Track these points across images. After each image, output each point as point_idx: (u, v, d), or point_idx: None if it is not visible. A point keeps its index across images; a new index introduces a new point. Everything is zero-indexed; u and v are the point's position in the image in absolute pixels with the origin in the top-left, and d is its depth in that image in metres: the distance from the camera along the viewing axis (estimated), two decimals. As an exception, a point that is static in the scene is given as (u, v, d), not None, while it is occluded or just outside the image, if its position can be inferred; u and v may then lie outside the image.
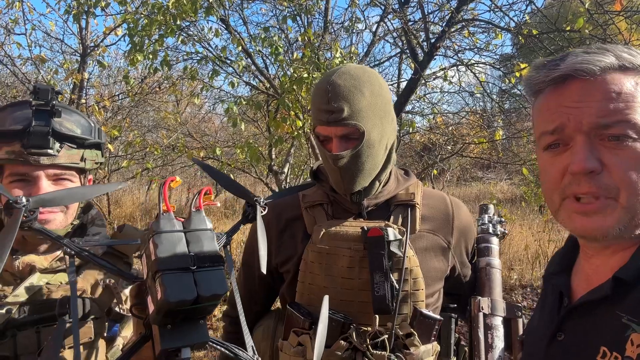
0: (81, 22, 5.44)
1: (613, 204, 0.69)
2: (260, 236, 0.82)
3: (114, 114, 7.54)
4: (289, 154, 5.31)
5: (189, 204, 0.82)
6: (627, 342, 0.67)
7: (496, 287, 1.24)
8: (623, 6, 3.98)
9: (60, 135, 1.06)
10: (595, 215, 0.70)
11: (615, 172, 0.68)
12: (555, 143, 0.74)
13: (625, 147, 0.68)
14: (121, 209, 9.93)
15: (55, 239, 0.77)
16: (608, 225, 0.69)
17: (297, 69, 3.63)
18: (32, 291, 1.05)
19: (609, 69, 0.71)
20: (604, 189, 0.69)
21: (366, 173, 1.18)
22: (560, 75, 0.73)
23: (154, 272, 0.68)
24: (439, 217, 1.27)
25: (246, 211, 0.90)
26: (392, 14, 4.40)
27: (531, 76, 0.79)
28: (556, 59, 0.76)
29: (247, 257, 1.36)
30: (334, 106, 1.12)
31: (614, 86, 0.70)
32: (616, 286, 0.71)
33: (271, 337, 1.27)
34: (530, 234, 7.46)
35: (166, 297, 0.65)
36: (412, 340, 1.13)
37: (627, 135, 0.68)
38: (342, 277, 1.17)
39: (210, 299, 0.69)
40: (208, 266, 0.70)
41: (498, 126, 6.80)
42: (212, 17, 3.98)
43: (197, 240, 0.72)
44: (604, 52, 0.73)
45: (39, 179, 1.05)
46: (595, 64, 0.71)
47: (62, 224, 1.12)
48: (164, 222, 0.72)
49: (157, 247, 0.69)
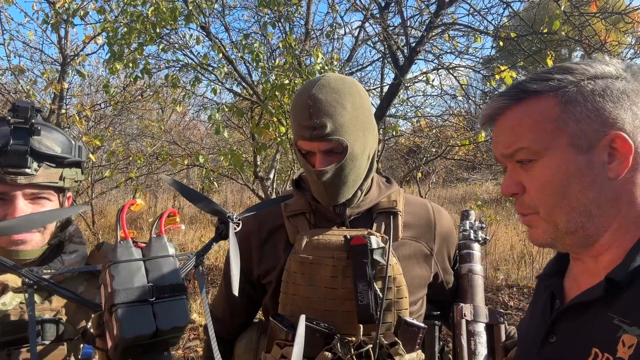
0: (60, 31, 5.36)
1: (537, 218, 0.79)
2: (232, 255, 0.79)
3: (97, 123, 7.44)
4: (275, 160, 5.29)
5: (153, 227, 0.78)
6: (619, 344, 0.67)
7: (478, 293, 1.24)
8: (599, 8, 4.06)
9: (38, 154, 1.03)
10: (530, 228, 0.82)
11: (531, 191, 0.78)
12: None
13: (531, 168, 0.77)
14: (106, 218, 9.79)
15: (11, 267, 0.74)
16: (538, 235, 0.80)
17: (279, 76, 3.63)
18: (4, 312, 1.02)
19: (506, 107, 0.80)
20: (526, 207, 0.80)
21: (349, 185, 1.18)
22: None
23: (110, 305, 0.65)
24: (421, 224, 1.27)
25: (219, 228, 0.87)
26: (372, 19, 4.43)
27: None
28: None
29: (228, 268, 1.34)
30: (316, 122, 1.11)
31: (506, 122, 0.80)
32: (608, 287, 0.72)
33: (254, 350, 1.26)
34: (516, 234, 7.53)
35: (122, 333, 0.62)
36: (396, 349, 1.12)
37: (525, 159, 0.77)
38: (325, 287, 1.16)
39: (170, 332, 0.66)
40: (168, 297, 0.67)
41: (481, 128, 6.86)
42: (193, 25, 3.96)
43: (157, 268, 0.69)
44: (509, 89, 0.82)
45: (15, 198, 1.03)
46: (493, 109, 0.82)
47: (39, 244, 1.10)
48: (121, 250, 0.69)
49: (114, 279, 0.66)
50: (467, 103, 7.63)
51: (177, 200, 10.51)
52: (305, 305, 1.17)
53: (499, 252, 6.88)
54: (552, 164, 0.75)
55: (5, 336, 0.97)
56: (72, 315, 1.09)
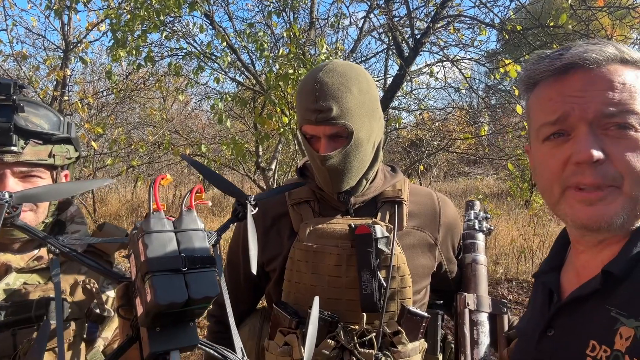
0: (63, 17, 5.34)
1: (616, 192, 0.69)
2: (250, 235, 0.80)
3: (99, 111, 7.43)
4: (277, 151, 5.29)
5: (179, 202, 0.80)
6: (616, 336, 0.67)
7: (482, 283, 1.24)
8: (606, 2, 4.03)
9: (24, 131, 1.02)
10: (600, 203, 0.70)
11: (618, 160, 0.69)
12: (557, 133, 0.74)
13: (628, 137, 0.69)
14: (107, 207, 9.81)
15: (41, 237, 0.74)
16: (612, 213, 0.69)
17: (283, 65, 3.61)
18: (9, 292, 1.02)
19: (612, 60, 0.72)
20: (608, 178, 0.69)
21: (354, 172, 1.17)
22: (564, 64, 0.73)
23: (144, 273, 0.66)
24: (426, 214, 1.27)
25: (236, 210, 0.88)
26: (378, 10, 4.40)
27: (532, 68, 0.79)
28: (559, 49, 0.77)
29: (232, 255, 1.35)
30: (322, 105, 1.10)
31: (618, 77, 0.71)
32: (605, 280, 0.71)
33: (257, 337, 1.26)
34: (516, 228, 7.53)
35: (156, 299, 0.63)
36: (399, 338, 1.12)
37: (631, 124, 0.69)
38: (329, 275, 1.16)
39: (201, 302, 0.67)
40: (199, 268, 0.68)
41: (484, 122, 6.84)
42: (197, 13, 3.93)
43: (188, 240, 0.70)
44: (606, 43, 0.74)
45: (4, 177, 1.02)
46: (599, 54, 0.71)
47: (32, 222, 1.08)
48: (154, 221, 0.69)
49: (147, 248, 0.66)
50: (470, 96, 7.61)
51: (179, 189, 10.52)
52: (308, 293, 1.17)
53: (499, 246, 6.89)
54: None
55: (10, 316, 0.97)
56: (76, 296, 1.09)
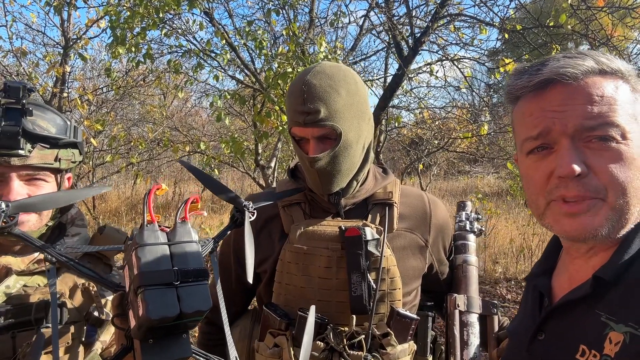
0: (63, 14, 5.33)
1: (600, 204, 0.69)
2: (247, 243, 0.81)
3: (98, 108, 7.43)
4: (276, 149, 5.29)
5: (179, 200, 0.80)
6: (606, 341, 0.68)
7: (472, 284, 1.24)
8: (606, 2, 4.01)
9: (32, 135, 1.02)
10: (584, 215, 0.70)
11: (601, 173, 0.69)
12: (540, 147, 0.74)
13: (610, 148, 0.69)
14: (106, 203, 9.83)
15: (38, 246, 0.75)
16: (597, 224, 0.70)
17: (282, 64, 3.61)
18: (9, 295, 1.02)
19: (590, 72, 0.72)
20: (592, 190, 0.69)
21: (344, 174, 1.17)
22: (543, 80, 0.74)
23: (137, 287, 0.67)
24: (417, 216, 1.27)
25: (234, 216, 0.89)
26: (377, 8, 4.39)
27: (512, 83, 0.79)
28: (537, 64, 0.77)
29: (224, 258, 1.34)
30: (310, 107, 1.10)
31: (596, 89, 0.71)
32: (596, 285, 0.72)
33: (248, 338, 1.26)
34: (515, 227, 7.54)
35: (148, 313, 0.64)
36: (388, 340, 1.12)
37: (612, 136, 0.69)
38: (319, 277, 1.17)
39: (193, 315, 0.68)
40: (192, 281, 0.69)
41: (484, 120, 6.83)
42: (196, 10, 3.92)
43: (181, 253, 0.71)
44: (584, 56, 0.74)
45: (10, 179, 1.02)
46: (577, 68, 0.71)
47: (36, 225, 1.09)
48: (147, 234, 0.70)
49: (140, 261, 0.67)
50: (470, 95, 7.59)
51: (178, 187, 10.53)
52: (299, 295, 1.17)
53: (498, 245, 6.89)
54: (634, 149, 0.70)
55: (10, 319, 0.97)
56: (75, 299, 1.09)
